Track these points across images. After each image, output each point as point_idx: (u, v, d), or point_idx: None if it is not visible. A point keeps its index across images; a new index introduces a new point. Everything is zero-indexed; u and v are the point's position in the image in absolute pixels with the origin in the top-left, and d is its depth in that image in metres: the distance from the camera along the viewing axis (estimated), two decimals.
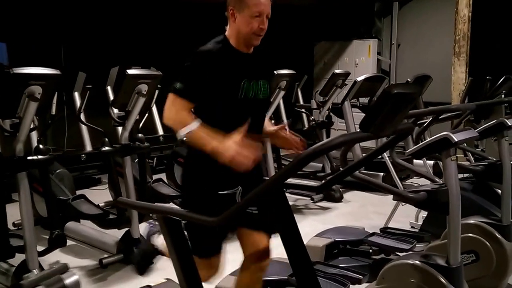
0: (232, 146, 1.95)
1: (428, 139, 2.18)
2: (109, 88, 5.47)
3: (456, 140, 2.11)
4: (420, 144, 2.27)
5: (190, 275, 2.04)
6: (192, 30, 8.04)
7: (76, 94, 6.21)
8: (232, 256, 2.47)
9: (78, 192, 4.53)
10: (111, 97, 4.87)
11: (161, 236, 2.50)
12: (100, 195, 5.41)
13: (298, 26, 9.34)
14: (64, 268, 1.79)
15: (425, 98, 5.15)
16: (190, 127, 2.05)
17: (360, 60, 8.99)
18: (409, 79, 5.60)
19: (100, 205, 4.44)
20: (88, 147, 6.24)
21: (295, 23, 9.04)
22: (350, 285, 2.75)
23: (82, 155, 6.03)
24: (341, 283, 2.71)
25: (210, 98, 2.15)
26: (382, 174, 5.83)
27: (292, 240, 1.94)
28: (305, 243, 1.96)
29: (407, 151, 2.37)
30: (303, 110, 6.94)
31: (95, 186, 6.33)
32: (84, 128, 6.22)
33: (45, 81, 2.99)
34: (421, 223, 4.23)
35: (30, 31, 6.71)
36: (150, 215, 3.72)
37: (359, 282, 2.85)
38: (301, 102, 7.25)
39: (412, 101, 1.77)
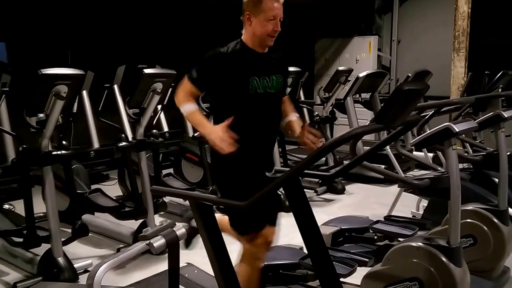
0: (214, 131, 2.31)
1: (431, 130, 2.35)
2: (115, 86, 5.58)
3: (457, 130, 2.29)
4: (423, 134, 2.45)
5: (221, 256, 2.20)
6: (196, 27, 8.21)
7: (85, 93, 6.34)
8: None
9: None
10: (118, 95, 5.01)
11: None
12: (109, 190, 5.56)
13: (299, 23, 9.46)
14: (173, 224, 2.16)
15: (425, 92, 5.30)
16: (186, 109, 2.44)
17: (361, 57, 9.07)
18: (409, 75, 5.80)
19: None
20: (96, 144, 6.37)
21: (296, 20, 9.14)
22: (357, 267, 2.95)
23: (91, 152, 6.17)
24: (349, 264, 2.90)
25: (223, 93, 2.45)
26: (383, 166, 6.00)
27: (307, 222, 2.11)
28: None
29: (411, 142, 2.55)
30: (305, 106, 7.12)
31: (104, 182, 6.49)
32: (92, 126, 6.33)
33: (70, 81, 3.19)
34: (422, 212, 4.43)
35: (36, 31, 6.83)
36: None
37: (365, 264, 3.04)
38: (302, 98, 7.39)
39: (420, 96, 1.96)
